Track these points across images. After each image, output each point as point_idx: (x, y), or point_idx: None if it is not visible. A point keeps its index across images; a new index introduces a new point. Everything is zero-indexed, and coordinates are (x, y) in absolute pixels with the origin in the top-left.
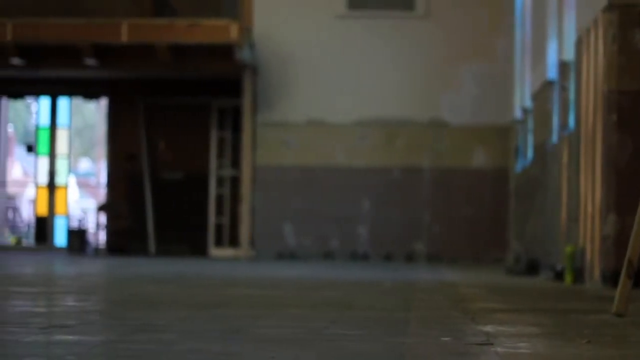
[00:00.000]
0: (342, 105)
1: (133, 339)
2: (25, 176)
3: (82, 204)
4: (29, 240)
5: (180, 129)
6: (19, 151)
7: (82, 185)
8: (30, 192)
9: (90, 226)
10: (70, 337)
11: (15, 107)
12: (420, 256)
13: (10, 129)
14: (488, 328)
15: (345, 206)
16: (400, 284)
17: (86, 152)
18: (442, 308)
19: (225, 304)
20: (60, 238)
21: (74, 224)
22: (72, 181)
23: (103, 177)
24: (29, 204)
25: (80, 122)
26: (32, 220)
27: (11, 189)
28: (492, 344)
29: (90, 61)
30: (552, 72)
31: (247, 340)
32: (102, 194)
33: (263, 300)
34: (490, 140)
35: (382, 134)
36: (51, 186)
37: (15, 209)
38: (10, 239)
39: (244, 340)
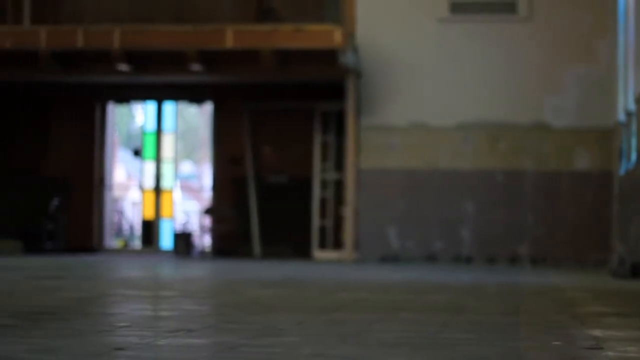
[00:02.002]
0: (444, 108)
1: (258, 342)
2: (129, 179)
3: (185, 207)
4: (136, 243)
5: (284, 132)
6: (123, 154)
7: (185, 188)
8: (133, 195)
9: (195, 229)
10: (197, 341)
11: (117, 111)
12: (523, 259)
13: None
14: (597, 332)
15: (448, 209)
16: (505, 287)
17: (188, 155)
18: (550, 312)
19: (338, 308)
20: (166, 241)
21: (179, 227)
22: (176, 184)
23: (206, 180)
24: (132, 207)
25: (183, 125)
26: (138, 223)
27: (116, 192)
28: (602, 348)
29: (196, 67)
30: None
31: (365, 344)
32: (204, 196)
33: (374, 304)
34: (594, 143)
35: (485, 137)
36: (157, 190)
37: (121, 212)
38: (118, 242)
39: (361, 344)
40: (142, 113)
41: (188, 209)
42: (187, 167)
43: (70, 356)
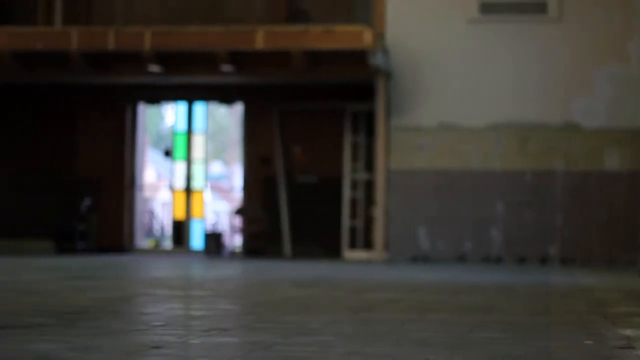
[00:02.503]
0: (474, 109)
1: (292, 341)
2: (159, 179)
3: (215, 207)
4: (166, 243)
5: (314, 133)
6: (153, 155)
7: (215, 188)
8: (163, 195)
9: (225, 229)
10: (232, 340)
11: (147, 111)
12: (553, 259)
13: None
14: (628, 332)
15: (478, 209)
16: (536, 287)
17: (218, 155)
18: (581, 311)
19: (370, 307)
20: (196, 241)
21: (209, 227)
22: (206, 185)
23: (235, 180)
24: (162, 207)
25: (213, 126)
26: (168, 223)
27: (146, 193)
28: (633, 347)
29: (227, 67)
30: None
31: (398, 344)
32: (234, 197)
33: (405, 304)
34: (625, 143)
35: (515, 137)
36: (188, 190)
37: (151, 212)
38: (149, 242)
39: (395, 343)
40: (171, 113)
41: (218, 209)
42: (217, 168)
43: (110, 354)
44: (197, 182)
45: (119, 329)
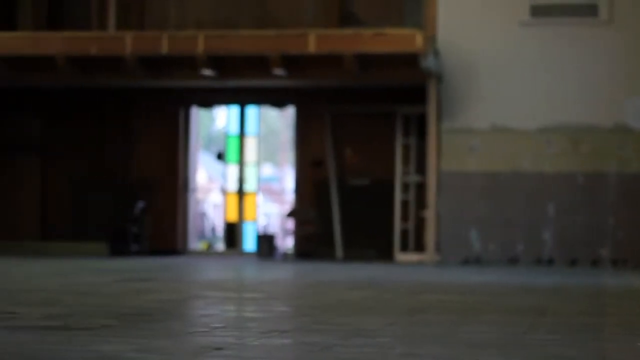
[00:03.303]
0: (526, 111)
1: (349, 343)
2: (210, 181)
3: (267, 209)
4: (219, 246)
5: (365, 135)
6: (203, 157)
7: (266, 190)
8: (215, 197)
9: (277, 231)
10: (290, 341)
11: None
12: (604, 261)
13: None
14: None
15: (530, 211)
16: (588, 289)
17: (269, 158)
18: (634, 313)
19: (424, 309)
20: (249, 243)
21: (261, 230)
22: (258, 187)
23: (287, 183)
24: (214, 210)
25: (264, 128)
26: (220, 225)
27: (198, 195)
28: None
29: (279, 71)
30: None
31: (454, 345)
32: (286, 199)
33: (458, 306)
34: None
35: (566, 139)
36: (240, 193)
37: (204, 215)
38: (202, 244)
39: (450, 344)
40: (222, 116)
41: (270, 211)
42: (268, 170)
43: (174, 356)
44: (249, 185)
45: (180, 331)
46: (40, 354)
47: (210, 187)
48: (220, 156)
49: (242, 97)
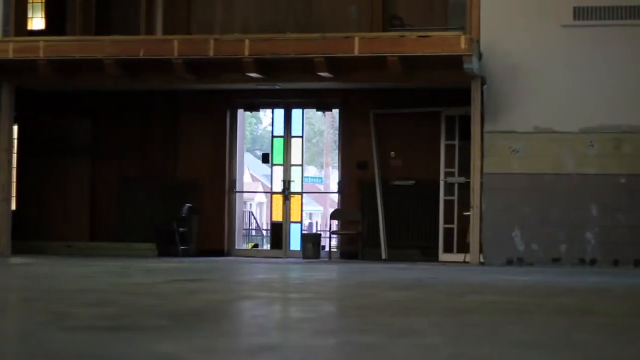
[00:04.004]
0: (568, 113)
1: (399, 343)
2: (254, 182)
3: (311, 210)
4: (264, 246)
5: (409, 137)
6: (248, 158)
7: (311, 191)
8: (259, 198)
9: (322, 231)
10: (340, 341)
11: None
12: None
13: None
14: None
15: (573, 212)
16: (632, 289)
17: (313, 159)
18: None
19: (470, 310)
20: (294, 243)
21: (307, 230)
22: (303, 188)
23: (331, 184)
24: (259, 210)
25: (308, 130)
26: (266, 226)
27: (243, 195)
28: None
29: (324, 74)
30: None
31: (501, 345)
32: (330, 200)
33: (503, 307)
34: None
35: (608, 141)
36: (286, 194)
37: (250, 215)
38: (248, 245)
39: (497, 345)
40: (267, 117)
41: (314, 212)
42: (312, 171)
43: (231, 355)
44: (294, 186)
45: (233, 331)
46: (97, 354)
47: (254, 188)
48: (266, 158)
49: (287, 99)
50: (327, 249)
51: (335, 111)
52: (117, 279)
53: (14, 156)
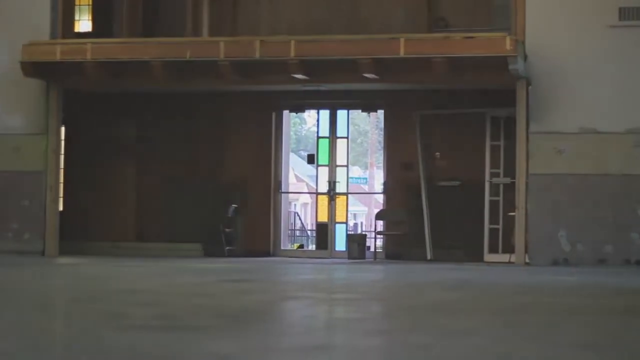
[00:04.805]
0: (614, 114)
1: (449, 343)
2: (298, 183)
3: (356, 210)
4: (310, 247)
5: (454, 138)
6: (293, 159)
7: (355, 191)
8: (303, 198)
9: (367, 232)
10: (391, 341)
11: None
12: None
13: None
14: None
15: (618, 213)
16: None
17: (358, 160)
18: None
19: (519, 310)
20: (339, 244)
21: (352, 230)
22: (348, 189)
23: (375, 184)
24: (303, 211)
25: (353, 131)
26: (311, 226)
27: (288, 196)
28: None
29: (369, 75)
30: None
31: (552, 346)
32: (374, 200)
33: (551, 307)
34: None
35: None
36: (331, 194)
37: (295, 216)
38: (293, 245)
39: (548, 345)
40: (311, 118)
41: (359, 212)
42: (357, 172)
43: (286, 354)
44: (339, 186)
45: (285, 330)
46: (152, 353)
47: (299, 188)
48: (311, 159)
49: (332, 100)
50: (372, 249)
51: (380, 112)
52: (167, 279)
53: (61, 157)
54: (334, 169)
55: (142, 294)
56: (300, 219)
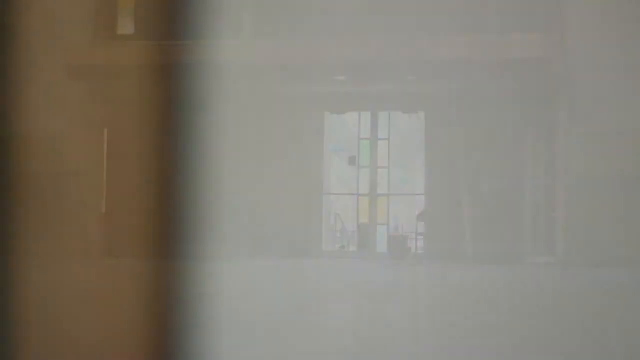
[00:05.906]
0: None
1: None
2: (340, 184)
3: (396, 212)
4: (352, 248)
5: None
6: (335, 160)
7: (397, 193)
8: (344, 199)
9: (409, 233)
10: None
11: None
12: None
13: None
14: None
15: None
16: None
17: (399, 161)
18: None
19: None
20: (381, 245)
21: (393, 232)
22: (389, 190)
23: (415, 186)
24: (345, 212)
25: (394, 133)
26: (353, 227)
27: (330, 198)
28: None
29: (410, 77)
30: None
31: None
32: (414, 202)
33: None
34: None
35: None
36: (372, 196)
37: (337, 216)
38: (335, 246)
39: None
40: (352, 119)
41: (399, 214)
42: (398, 173)
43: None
44: (382, 188)
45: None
46: None
47: (340, 190)
48: (353, 160)
49: (374, 103)
50: (413, 250)
51: (422, 114)
52: None
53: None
54: (375, 171)
55: None
56: (341, 220)
